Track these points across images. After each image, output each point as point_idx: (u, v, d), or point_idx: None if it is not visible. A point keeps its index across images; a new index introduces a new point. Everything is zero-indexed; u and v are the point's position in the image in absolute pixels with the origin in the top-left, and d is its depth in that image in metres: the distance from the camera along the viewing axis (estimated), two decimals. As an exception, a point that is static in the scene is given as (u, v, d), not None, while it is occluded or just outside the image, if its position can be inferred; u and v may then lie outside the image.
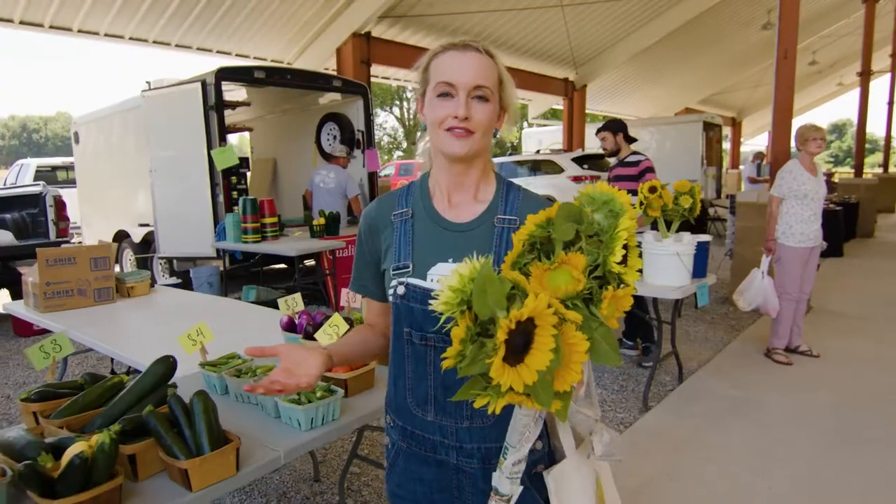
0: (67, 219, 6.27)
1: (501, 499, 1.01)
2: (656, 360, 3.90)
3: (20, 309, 3.17)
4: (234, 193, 6.56)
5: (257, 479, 2.87)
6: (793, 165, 4.45)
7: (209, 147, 6.29)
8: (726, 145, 28.20)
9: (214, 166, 6.16)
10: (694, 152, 13.96)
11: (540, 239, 0.95)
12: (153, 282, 3.58)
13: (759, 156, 11.87)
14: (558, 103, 15.91)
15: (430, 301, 0.90)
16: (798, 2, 5.62)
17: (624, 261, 0.90)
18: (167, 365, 1.63)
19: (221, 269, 6.53)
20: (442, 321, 0.88)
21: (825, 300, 6.30)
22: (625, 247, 0.90)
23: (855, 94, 12.21)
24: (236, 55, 9.36)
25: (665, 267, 3.59)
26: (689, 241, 3.61)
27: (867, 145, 14.29)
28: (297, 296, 2.37)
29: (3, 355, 5.04)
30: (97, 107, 8.82)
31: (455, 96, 1.10)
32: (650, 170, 4.40)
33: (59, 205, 6.20)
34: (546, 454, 1.17)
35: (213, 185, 6.47)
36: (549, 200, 1.10)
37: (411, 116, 38.15)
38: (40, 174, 11.85)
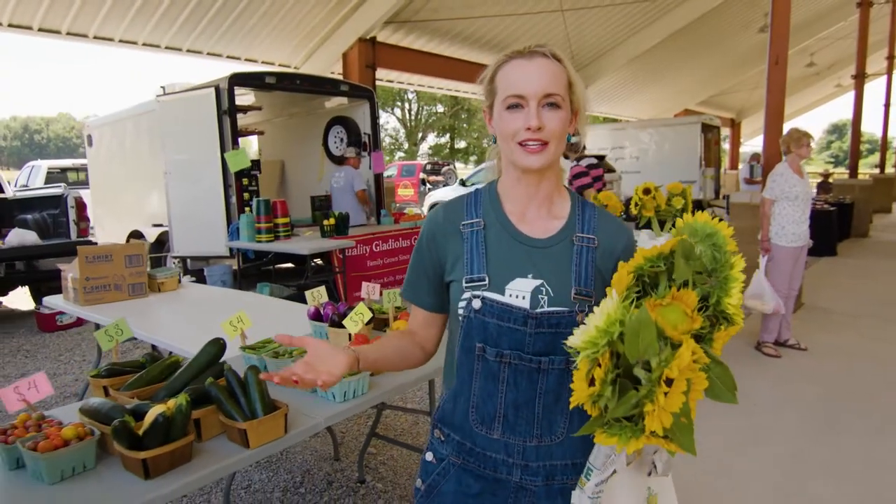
0: (88, 219, 6.52)
1: None
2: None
3: (60, 302, 3.41)
4: (246, 195, 6.80)
5: (282, 458, 3.11)
6: (783, 168, 4.69)
7: (222, 150, 6.54)
8: (726, 146, 28.48)
9: (227, 168, 6.41)
10: (692, 153, 14.23)
11: (648, 273, 0.94)
12: (180, 278, 3.82)
13: (755, 157, 12.11)
14: (559, 105, 16.15)
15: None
16: (789, 10, 5.86)
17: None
18: (219, 346, 1.87)
19: (234, 267, 6.77)
20: (579, 359, 0.88)
21: (816, 298, 6.54)
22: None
23: (855, 95, 12.41)
24: (245, 59, 9.61)
25: (659, 264, 3.82)
26: (682, 239, 3.84)
27: (868, 146, 14.57)
28: (322, 288, 2.62)
29: (31, 349, 5.30)
30: (98, 108, 9.13)
31: (525, 107, 1.07)
32: (580, 174, 5.26)
33: (80, 206, 6.45)
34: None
35: (227, 187, 6.71)
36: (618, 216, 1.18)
37: (412, 117, 38.37)
38: (51, 176, 12.10)
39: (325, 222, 6.11)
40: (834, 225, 9.71)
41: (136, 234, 8.06)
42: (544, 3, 10.96)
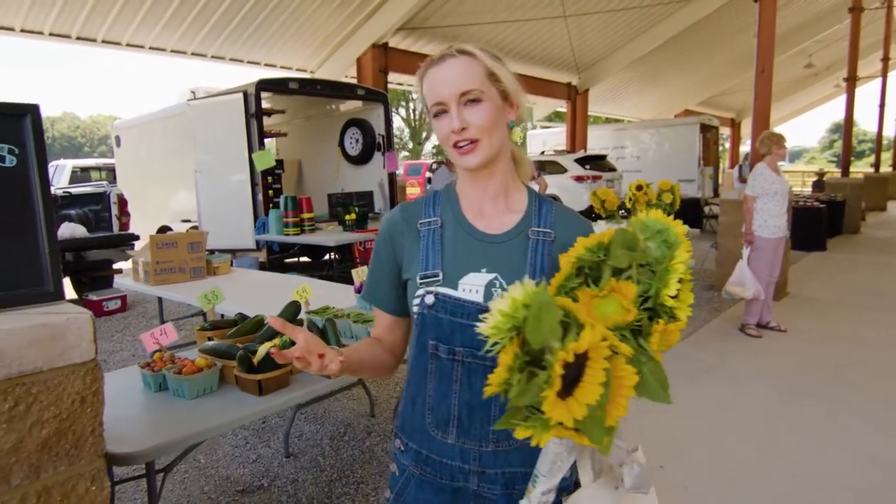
0: (129, 214, 7.06)
1: None
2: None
3: (130, 284, 3.95)
4: (270, 192, 7.34)
5: (325, 414, 3.64)
6: (762, 168, 5.19)
7: (250, 150, 7.07)
8: (727, 145, 28.94)
9: (254, 168, 6.95)
10: (691, 153, 14.72)
11: (589, 263, 0.92)
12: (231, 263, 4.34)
13: (746, 157, 12.62)
14: (562, 106, 16.70)
15: (476, 323, 0.88)
16: (774, 23, 6.35)
17: (676, 294, 0.87)
18: (297, 306, 2.40)
19: (260, 259, 7.31)
20: (489, 345, 0.86)
21: (802, 288, 7.04)
22: (679, 280, 0.88)
23: (854, 94, 12.84)
24: (265, 65, 10.14)
25: (650, 252, 4.34)
26: (671, 230, 4.36)
27: (870, 145, 14.99)
28: (364, 268, 3.13)
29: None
30: (102, 108, 9.63)
31: (448, 111, 1.08)
32: None
33: (122, 202, 7.00)
34: (573, 483, 1.06)
35: (253, 185, 7.24)
36: (555, 199, 1.18)
37: (417, 117, 38.88)
38: (75, 175, 12.66)
39: (347, 217, 6.64)
40: (824, 221, 10.18)
41: (165, 230, 8.59)
42: (548, 9, 11.47)
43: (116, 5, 7.62)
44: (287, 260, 7.73)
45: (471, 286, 1.09)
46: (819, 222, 9.97)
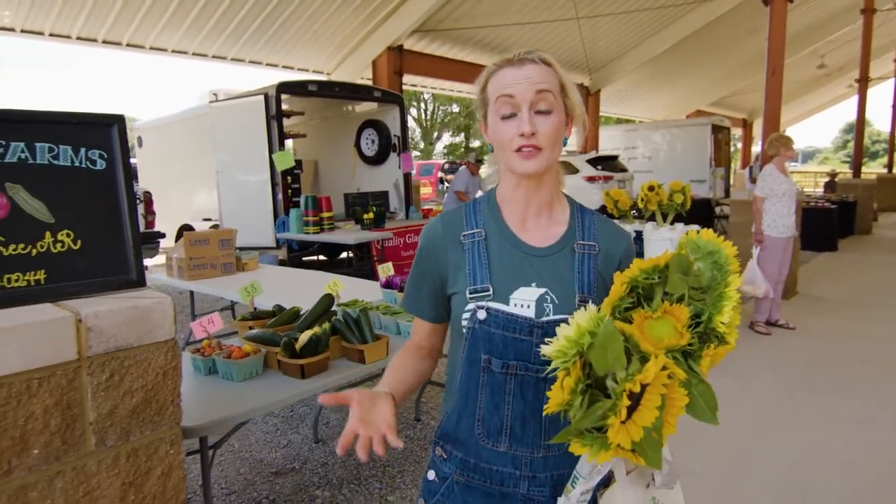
0: (154, 213, 7.28)
1: None
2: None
3: (164, 278, 4.15)
4: (290, 192, 7.55)
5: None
6: (770, 169, 5.32)
7: (270, 151, 7.27)
8: (739, 145, 28.91)
9: (274, 168, 7.15)
10: (702, 154, 14.79)
11: (643, 285, 0.93)
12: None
13: (756, 159, 12.69)
14: (574, 107, 16.77)
15: (542, 345, 0.90)
16: (784, 26, 6.47)
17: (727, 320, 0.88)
18: (331, 298, 2.58)
19: (280, 257, 7.51)
20: (551, 367, 0.88)
21: (811, 287, 7.14)
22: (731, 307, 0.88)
23: (869, 94, 12.86)
24: (283, 67, 10.36)
25: (661, 250, 4.48)
26: (681, 229, 4.50)
27: (883, 145, 14.98)
28: (389, 264, 3.31)
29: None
30: (106, 107, 9.89)
31: (518, 113, 1.08)
32: None
33: (148, 200, 7.23)
34: (608, 476, 1.09)
35: (273, 185, 7.45)
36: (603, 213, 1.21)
37: (428, 118, 39.08)
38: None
39: (366, 216, 6.83)
40: (835, 222, 10.26)
41: (187, 228, 8.82)
42: (560, 11, 11.61)
43: (142, 10, 7.86)
44: (305, 258, 7.93)
45: (522, 301, 1.10)
46: (830, 223, 10.05)
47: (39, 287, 1.34)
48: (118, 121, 1.47)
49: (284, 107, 8.93)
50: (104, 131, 1.46)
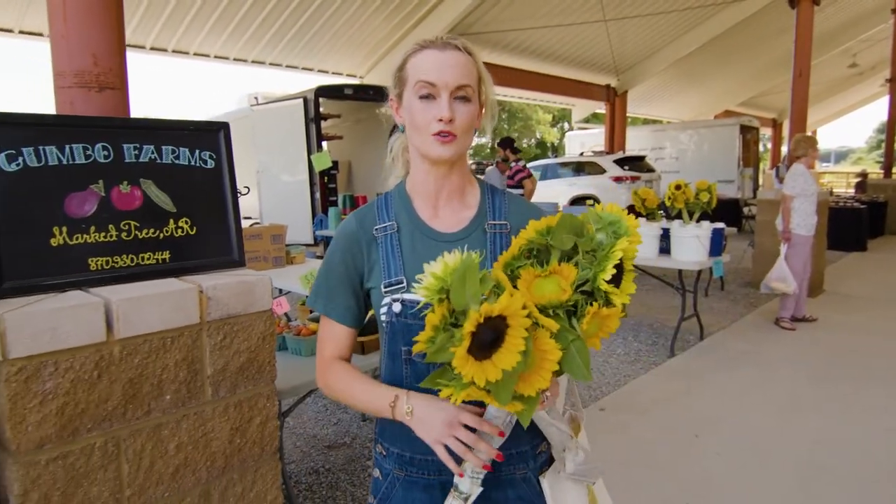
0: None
1: (460, 496, 1.01)
2: (681, 317, 4.99)
3: (220, 271, 4.47)
4: (326, 191, 7.88)
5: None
6: (801, 169, 5.46)
7: (308, 152, 7.60)
8: (769, 145, 28.63)
9: (312, 168, 7.48)
10: (730, 154, 14.81)
11: (538, 246, 0.95)
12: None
13: (783, 159, 12.70)
14: (600, 108, 16.93)
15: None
16: (811, 28, 6.59)
17: (616, 282, 0.90)
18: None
19: (317, 253, 7.84)
20: (420, 305, 0.90)
21: (838, 285, 7.23)
22: (620, 269, 0.91)
23: (897, 95, 12.74)
24: (318, 71, 10.71)
25: (688, 247, 4.68)
26: (707, 227, 4.69)
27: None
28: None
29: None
30: (156, 112, 10.31)
31: (437, 98, 1.07)
32: (520, 171, 6.77)
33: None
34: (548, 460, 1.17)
35: (312, 184, 7.79)
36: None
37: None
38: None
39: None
40: (864, 222, 10.26)
41: (227, 226, 9.19)
42: (588, 14, 11.77)
43: (187, 18, 8.26)
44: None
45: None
46: (859, 223, 10.07)
47: (165, 265, 1.63)
48: (224, 127, 1.76)
49: (322, 110, 9.31)
50: (213, 136, 1.75)
